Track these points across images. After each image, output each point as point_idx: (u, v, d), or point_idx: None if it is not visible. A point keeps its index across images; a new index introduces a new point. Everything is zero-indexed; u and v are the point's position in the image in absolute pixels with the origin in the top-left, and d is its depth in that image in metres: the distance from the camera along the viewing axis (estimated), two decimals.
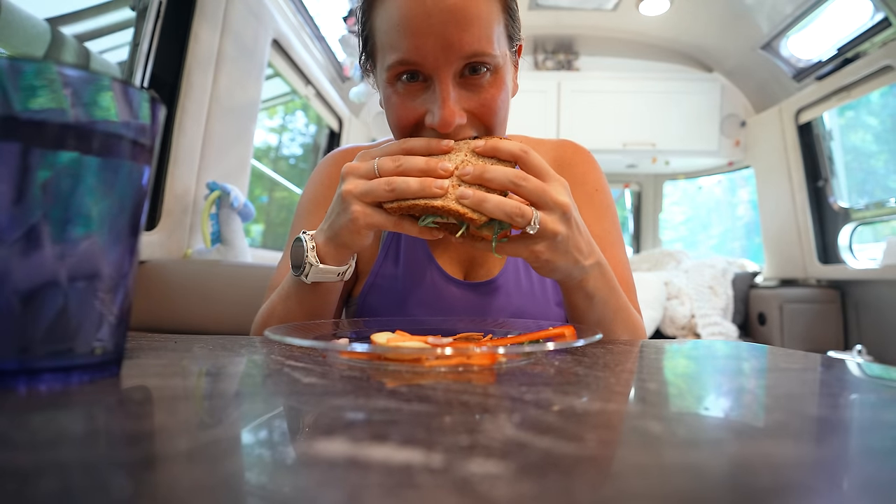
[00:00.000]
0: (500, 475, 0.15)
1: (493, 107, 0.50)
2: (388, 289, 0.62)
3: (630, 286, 0.64)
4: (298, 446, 0.18)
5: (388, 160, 0.45)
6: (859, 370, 0.37)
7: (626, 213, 3.65)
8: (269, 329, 0.38)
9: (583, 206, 0.66)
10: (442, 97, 0.47)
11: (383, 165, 0.45)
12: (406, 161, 0.44)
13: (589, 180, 0.67)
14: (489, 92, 0.49)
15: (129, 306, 0.29)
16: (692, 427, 0.22)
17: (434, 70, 0.47)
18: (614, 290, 0.53)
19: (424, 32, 0.45)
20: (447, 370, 0.32)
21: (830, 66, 2.24)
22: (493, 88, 0.49)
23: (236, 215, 1.38)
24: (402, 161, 0.44)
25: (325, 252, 0.49)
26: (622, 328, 0.55)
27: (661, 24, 2.69)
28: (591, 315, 0.53)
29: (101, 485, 0.14)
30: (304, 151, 2.70)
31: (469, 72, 0.48)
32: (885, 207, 2.21)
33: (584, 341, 0.35)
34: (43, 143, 0.24)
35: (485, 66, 0.48)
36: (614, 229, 0.66)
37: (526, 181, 0.42)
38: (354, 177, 0.46)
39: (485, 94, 0.49)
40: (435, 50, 0.46)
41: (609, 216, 0.67)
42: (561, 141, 0.71)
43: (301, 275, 0.50)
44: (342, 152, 0.70)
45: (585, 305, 0.52)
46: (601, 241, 0.64)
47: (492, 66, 0.49)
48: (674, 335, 2.51)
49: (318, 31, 2.23)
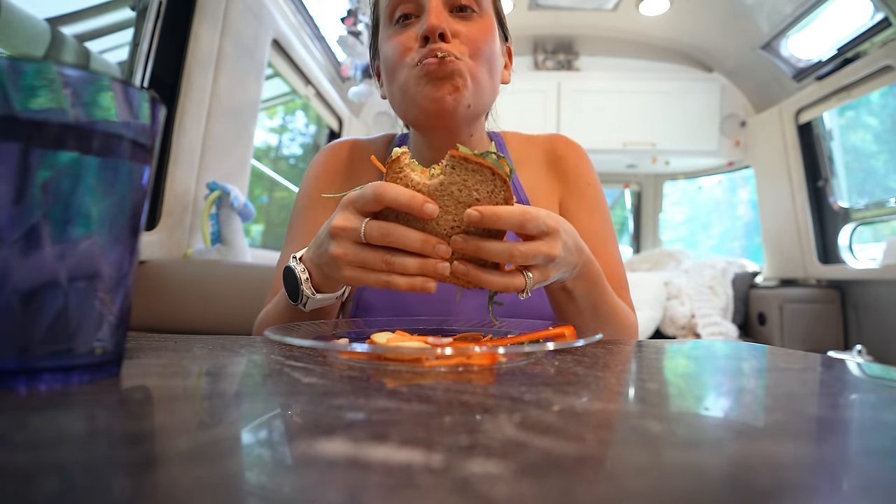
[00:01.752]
0: (500, 475, 0.15)
1: (478, 38, 0.54)
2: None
3: (621, 281, 0.64)
4: (298, 446, 0.18)
5: (377, 233, 0.39)
6: (859, 370, 0.37)
7: (627, 212, 3.65)
8: (269, 329, 0.38)
9: (575, 200, 0.67)
10: (430, 9, 0.52)
11: (371, 236, 0.39)
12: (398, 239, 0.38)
13: (581, 174, 0.68)
14: (475, 25, 0.54)
15: (130, 306, 0.29)
16: (692, 427, 0.22)
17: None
18: (597, 284, 0.52)
19: None
20: (447, 370, 0.32)
21: (830, 66, 2.24)
22: (478, 25, 0.55)
23: (236, 215, 1.38)
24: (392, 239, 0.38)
25: (319, 282, 0.46)
26: (605, 321, 0.55)
27: (661, 24, 2.69)
28: (571, 308, 0.53)
29: (101, 485, 0.14)
30: (304, 151, 2.70)
31: (457, 10, 0.54)
32: (885, 207, 2.21)
33: (584, 341, 0.35)
34: (43, 143, 0.24)
35: (470, 8, 0.55)
36: (606, 224, 0.67)
37: (519, 252, 0.39)
38: (343, 240, 0.41)
39: (471, 25, 0.54)
40: None
41: (601, 211, 0.67)
42: (552, 135, 0.72)
43: (299, 304, 0.48)
44: (337, 145, 0.71)
45: (565, 300, 0.52)
46: (594, 236, 0.64)
47: (477, 11, 0.55)
48: (674, 335, 2.51)
49: (318, 31, 2.23)
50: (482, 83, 0.55)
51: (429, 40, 0.52)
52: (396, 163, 0.39)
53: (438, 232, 0.40)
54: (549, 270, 0.42)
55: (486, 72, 0.55)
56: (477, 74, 0.54)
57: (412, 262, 0.38)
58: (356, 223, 0.40)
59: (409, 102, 0.54)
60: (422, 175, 0.40)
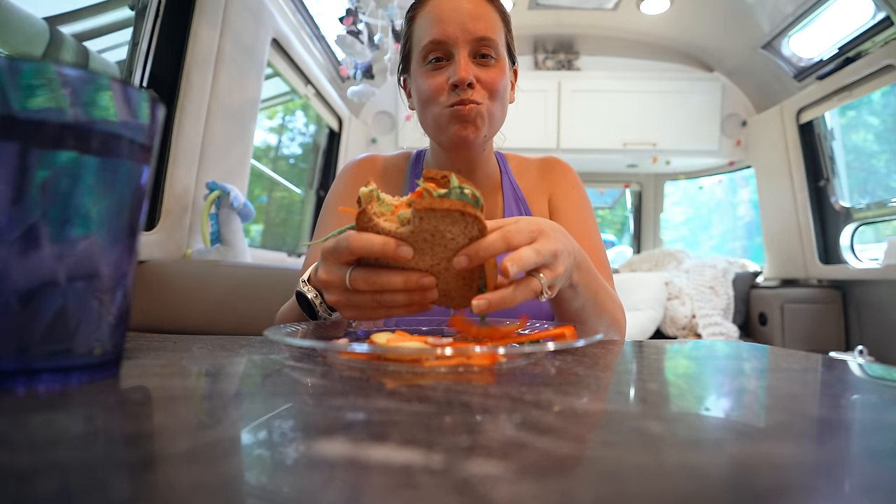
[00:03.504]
0: (500, 476, 0.15)
1: (496, 81, 0.67)
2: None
3: (606, 269, 0.72)
4: (298, 446, 0.18)
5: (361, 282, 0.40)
6: (860, 371, 0.37)
7: (627, 212, 3.64)
8: (269, 330, 0.38)
9: (563, 199, 0.79)
10: (459, 62, 0.65)
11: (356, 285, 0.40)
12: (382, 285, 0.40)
13: (568, 179, 0.80)
14: (493, 71, 0.67)
15: (128, 306, 0.29)
16: (693, 427, 0.22)
17: (454, 45, 0.66)
18: (591, 271, 0.56)
19: (449, 20, 0.66)
20: (447, 370, 0.32)
21: (831, 65, 2.24)
22: (496, 71, 0.68)
23: (236, 215, 1.38)
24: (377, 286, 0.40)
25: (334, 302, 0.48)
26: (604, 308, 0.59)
27: (661, 24, 2.69)
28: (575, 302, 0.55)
29: (100, 485, 0.14)
30: (304, 151, 2.70)
31: (479, 57, 0.67)
32: (886, 207, 2.21)
33: (584, 341, 0.34)
34: (42, 143, 0.24)
35: (490, 56, 0.67)
36: (590, 218, 0.78)
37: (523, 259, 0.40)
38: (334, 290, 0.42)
39: (490, 71, 0.67)
40: (455, 31, 0.65)
41: (585, 206, 0.79)
42: (545, 157, 0.85)
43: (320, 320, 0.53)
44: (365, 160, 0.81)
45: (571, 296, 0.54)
46: (580, 227, 0.75)
47: (495, 57, 0.68)
48: (674, 335, 2.51)
49: (317, 31, 2.23)
50: (496, 117, 0.69)
51: (457, 87, 0.65)
52: (364, 214, 0.39)
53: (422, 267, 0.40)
54: (557, 266, 0.44)
55: (500, 106, 0.69)
56: (493, 111, 0.68)
57: (401, 298, 0.40)
58: (341, 274, 0.41)
59: (440, 133, 0.69)
60: (391, 221, 0.39)
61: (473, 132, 0.67)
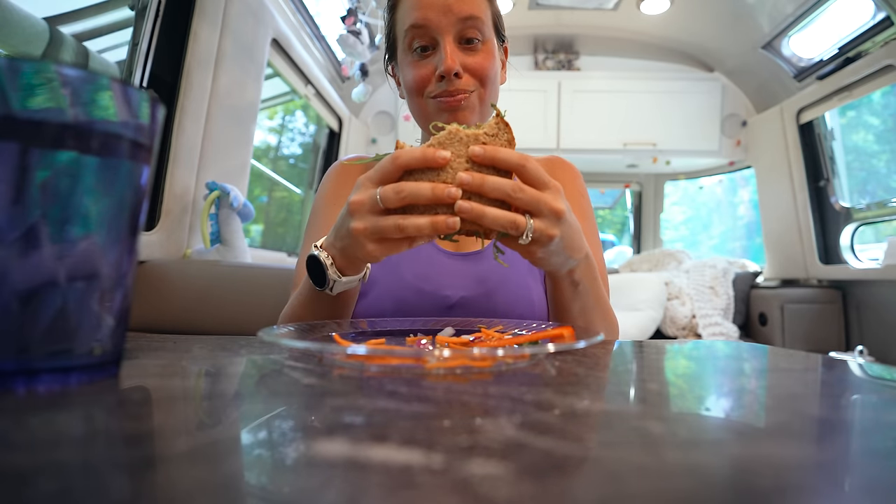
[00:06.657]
0: (500, 476, 0.15)
1: (485, 67, 0.64)
2: (386, 261, 0.67)
3: (605, 279, 0.72)
4: (298, 447, 0.18)
5: (391, 193, 0.42)
6: (861, 371, 0.37)
7: (627, 212, 3.64)
8: (263, 331, 0.37)
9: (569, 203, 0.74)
10: (445, 51, 0.62)
11: (387, 198, 0.42)
12: (411, 193, 0.42)
13: (576, 187, 0.78)
14: (481, 56, 0.64)
15: (128, 306, 0.29)
16: (693, 428, 0.22)
17: (438, 31, 0.62)
18: (596, 279, 0.57)
19: (431, 3, 0.62)
20: (447, 371, 0.32)
21: (832, 65, 2.24)
22: (483, 55, 0.64)
23: (236, 215, 1.38)
24: (406, 193, 0.42)
25: (342, 265, 0.49)
26: (601, 315, 0.60)
27: (661, 24, 2.69)
28: (576, 303, 0.55)
29: (101, 486, 0.14)
30: (304, 151, 2.70)
31: (465, 42, 0.63)
32: (886, 207, 2.21)
33: (584, 343, 0.34)
34: (42, 143, 0.24)
35: (476, 39, 0.64)
36: (594, 228, 0.77)
37: (522, 192, 0.42)
38: (361, 213, 0.44)
39: (478, 57, 0.64)
40: (438, 15, 0.62)
41: (590, 216, 0.77)
42: (550, 157, 0.83)
43: (326, 289, 0.51)
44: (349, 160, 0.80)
45: (571, 294, 0.55)
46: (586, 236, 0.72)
47: (482, 39, 0.64)
48: (674, 335, 2.51)
49: (317, 31, 2.23)
50: (486, 100, 0.66)
51: (444, 77, 0.62)
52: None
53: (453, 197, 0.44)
54: (553, 229, 0.44)
55: (491, 89, 0.67)
56: (484, 97, 0.66)
57: (423, 220, 0.42)
58: (372, 192, 0.43)
59: (429, 122, 0.66)
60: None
61: (463, 120, 0.64)
